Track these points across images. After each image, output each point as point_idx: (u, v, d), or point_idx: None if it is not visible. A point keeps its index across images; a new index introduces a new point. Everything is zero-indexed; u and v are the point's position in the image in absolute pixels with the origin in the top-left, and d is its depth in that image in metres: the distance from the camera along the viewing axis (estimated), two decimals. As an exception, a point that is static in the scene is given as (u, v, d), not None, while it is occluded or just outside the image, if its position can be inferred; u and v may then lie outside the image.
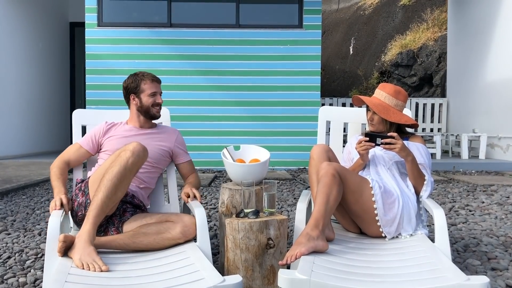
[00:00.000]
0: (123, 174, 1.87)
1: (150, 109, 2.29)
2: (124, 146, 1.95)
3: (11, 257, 2.44)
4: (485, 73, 7.08)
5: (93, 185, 1.99)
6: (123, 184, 1.88)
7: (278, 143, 6.46)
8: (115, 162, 1.89)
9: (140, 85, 2.27)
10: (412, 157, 2.06)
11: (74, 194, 2.09)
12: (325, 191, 1.87)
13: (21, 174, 5.32)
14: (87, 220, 1.80)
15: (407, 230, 2.03)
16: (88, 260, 1.66)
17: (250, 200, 1.94)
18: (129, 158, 1.88)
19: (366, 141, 2.07)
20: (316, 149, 2.16)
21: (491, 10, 6.91)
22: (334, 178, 1.90)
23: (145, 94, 2.27)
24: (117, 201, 1.92)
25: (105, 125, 2.31)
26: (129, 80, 2.30)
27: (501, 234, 2.90)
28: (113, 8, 6.52)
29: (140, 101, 2.28)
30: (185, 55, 6.46)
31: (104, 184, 1.84)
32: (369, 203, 2.00)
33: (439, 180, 5.24)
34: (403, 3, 11.87)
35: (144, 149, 1.94)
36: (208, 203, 3.88)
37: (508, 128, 6.50)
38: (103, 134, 2.28)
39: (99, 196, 1.83)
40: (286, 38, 6.50)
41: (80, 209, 2.03)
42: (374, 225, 2.04)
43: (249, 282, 1.83)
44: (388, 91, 2.23)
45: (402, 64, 10.41)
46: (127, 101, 2.34)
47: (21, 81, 7.46)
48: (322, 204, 1.85)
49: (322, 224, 1.80)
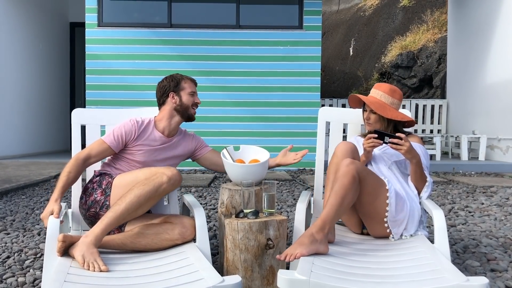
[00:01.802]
0: (151, 196, 1.88)
1: (189, 108, 2.24)
2: (164, 169, 1.94)
3: (10, 257, 2.43)
4: (485, 75, 7.09)
5: (117, 189, 1.98)
6: (147, 205, 1.90)
7: (277, 143, 6.46)
8: (149, 181, 1.88)
9: (181, 83, 2.24)
10: (418, 159, 2.04)
11: (91, 187, 2.06)
12: (341, 194, 1.83)
13: (20, 174, 5.32)
14: (100, 224, 1.80)
15: (409, 231, 2.04)
16: (90, 259, 1.66)
17: (249, 201, 1.94)
18: (164, 184, 1.88)
19: (375, 138, 2.04)
20: (342, 147, 2.07)
21: (491, 12, 6.92)
22: (354, 181, 1.85)
23: (185, 93, 2.23)
24: (134, 217, 1.91)
25: (137, 127, 2.16)
26: (167, 79, 2.25)
27: (500, 236, 2.90)
28: (113, 9, 6.52)
29: (180, 99, 2.22)
30: (185, 56, 6.46)
31: (131, 198, 1.84)
32: (383, 205, 1.99)
33: (438, 181, 5.24)
34: (403, 4, 11.88)
35: (180, 179, 1.95)
36: (207, 204, 3.88)
37: (508, 129, 6.51)
38: (135, 137, 2.15)
39: (120, 207, 1.83)
40: (286, 39, 6.50)
41: (95, 206, 2.02)
42: (381, 226, 2.03)
43: (249, 283, 1.83)
44: (384, 90, 2.25)
45: (402, 66, 10.41)
46: (162, 101, 2.25)
47: (21, 81, 7.46)
48: (334, 206, 1.82)
49: (329, 228, 1.79)
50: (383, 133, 2.03)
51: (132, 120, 2.18)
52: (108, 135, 2.13)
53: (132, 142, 2.15)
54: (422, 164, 2.11)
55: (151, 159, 2.19)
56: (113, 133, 2.13)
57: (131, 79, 6.34)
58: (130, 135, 2.14)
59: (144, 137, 2.17)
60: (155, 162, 2.20)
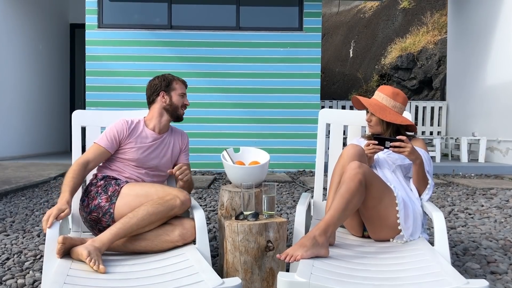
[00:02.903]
0: (162, 217, 1.94)
1: (179, 109, 2.28)
2: (177, 192, 2.00)
3: (9, 259, 2.43)
4: (485, 77, 7.10)
5: (124, 199, 2.00)
6: (156, 223, 1.95)
7: (277, 145, 6.46)
8: (163, 201, 1.94)
9: (172, 84, 2.28)
10: (421, 160, 2.04)
11: (94, 191, 2.06)
12: (346, 197, 1.82)
13: (20, 175, 5.31)
14: (108, 232, 1.83)
15: (414, 236, 2.02)
16: (94, 256, 1.68)
17: (249, 203, 1.94)
18: (176, 208, 1.96)
19: (375, 144, 2.03)
20: (350, 149, 2.05)
21: (491, 14, 6.92)
22: (360, 185, 1.84)
23: (175, 93, 2.27)
24: (141, 232, 1.93)
25: (127, 125, 2.21)
26: (159, 79, 2.28)
27: (500, 238, 2.90)
28: (114, 10, 6.52)
29: (170, 99, 2.26)
30: (185, 57, 6.47)
31: (143, 214, 1.89)
32: (386, 210, 1.98)
33: (438, 183, 5.24)
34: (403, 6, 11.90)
35: (190, 203, 2.03)
36: (207, 205, 3.88)
37: (508, 131, 6.51)
38: (127, 135, 2.19)
39: (131, 221, 1.87)
40: (286, 40, 6.51)
41: (97, 211, 2.02)
42: (384, 230, 2.03)
43: (248, 285, 1.82)
44: (386, 93, 2.24)
45: (402, 67, 10.42)
46: (152, 99, 2.28)
47: (21, 82, 7.46)
48: (338, 210, 1.80)
49: (331, 231, 1.79)
50: (383, 138, 2.02)
51: (122, 119, 2.24)
52: (101, 138, 2.17)
53: (125, 140, 2.19)
54: (425, 168, 2.11)
55: (143, 156, 2.20)
56: (106, 135, 2.17)
57: (131, 81, 6.34)
58: (122, 133, 2.19)
59: (135, 134, 2.22)
60: (149, 161, 2.22)
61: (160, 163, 2.26)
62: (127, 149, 2.19)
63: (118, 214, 1.98)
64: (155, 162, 2.24)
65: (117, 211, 1.99)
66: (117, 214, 1.98)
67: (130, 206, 1.96)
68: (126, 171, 2.18)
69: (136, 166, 2.20)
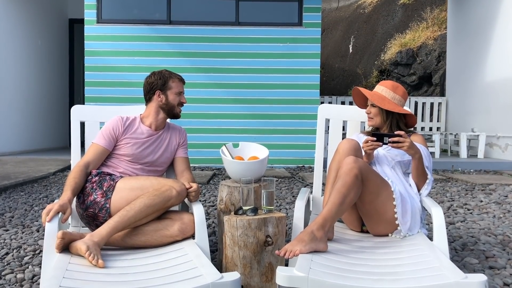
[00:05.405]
0: (159, 208, 1.94)
1: (175, 107, 2.27)
2: (173, 182, 2.00)
3: (9, 253, 2.44)
4: (484, 73, 7.09)
5: (119, 193, 2.00)
6: (153, 215, 1.95)
7: (277, 141, 6.46)
8: (159, 192, 1.93)
9: (168, 82, 2.25)
10: (420, 155, 2.04)
11: (89, 187, 2.05)
12: (342, 192, 1.83)
13: (19, 170, 5.31)
14: (106, 226, 1.83)
15: (413, 231, 2.03)
16: (93, 250, 1.68)
17: (248, 198, 1.94)
18: (172, 199, 1.95)
19: (374, 141, 2.04)
20: (345, 144, 2.06)
21: (491, 10, 6.91)
22: (356, 180, 1.85)
23: (172, 92, 2.25)
24: (139, 224, 1.94)
25: (122, 121, 2.22)
26: (155, 76, 2.26)
27: (499, 233, 2.90)
28: (113, 5, 6.50)
29: (166, 98, 2.25)
30: (185, 53, 6.45)
31: (140, 206, 1.89)
32: (384, 205, 1.99)
33: (437, 179, 5.24)
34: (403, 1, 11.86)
35: (186, 194, 2.02)
36: (206, 201, 3.88)
37: (507, 127, 6.51)
38: (122, 131, 2.20)
39: (128, 213, 1.87)
40: (286, 36, 6.49)
41: (94, 207, 2.01)
42: (381, 225, 2.03)
43: (247, 279, 1.83)
44: (386, 85, 2.27)
45: (401, 63, 10.40)
46: (148, 97, 2.29)
47: (20, 77, 7.44)
48: (335, 204, 1.82)
49: (329, 226, 1.80)
50: (382, 134, 2.03)
51: (117, 116, 2.25)
52: (98, 137, 2.19)
53: (120, 136, 2.20)
54: (424, 163, 2.11)
55: (138, 152, 2.20)
56: (102, 133, 2.20)
57: (130, 76, 6.33)
58: (118, 129, 2.20)
59: (131, 130, 2.23)
60: (144, 156, 2.22)
61: (155, 158, 2.25)
62: (122, 145, 2.20)
63: (114, 208, 1.97)
64: (150, 158, 2.23)
65: (113, 206, 1.98)
66: (113, 208, 1.98)
67: (126, 200, 1.96)
68: (120, 166, 2.18)
69: (131, 161, 2.20)
